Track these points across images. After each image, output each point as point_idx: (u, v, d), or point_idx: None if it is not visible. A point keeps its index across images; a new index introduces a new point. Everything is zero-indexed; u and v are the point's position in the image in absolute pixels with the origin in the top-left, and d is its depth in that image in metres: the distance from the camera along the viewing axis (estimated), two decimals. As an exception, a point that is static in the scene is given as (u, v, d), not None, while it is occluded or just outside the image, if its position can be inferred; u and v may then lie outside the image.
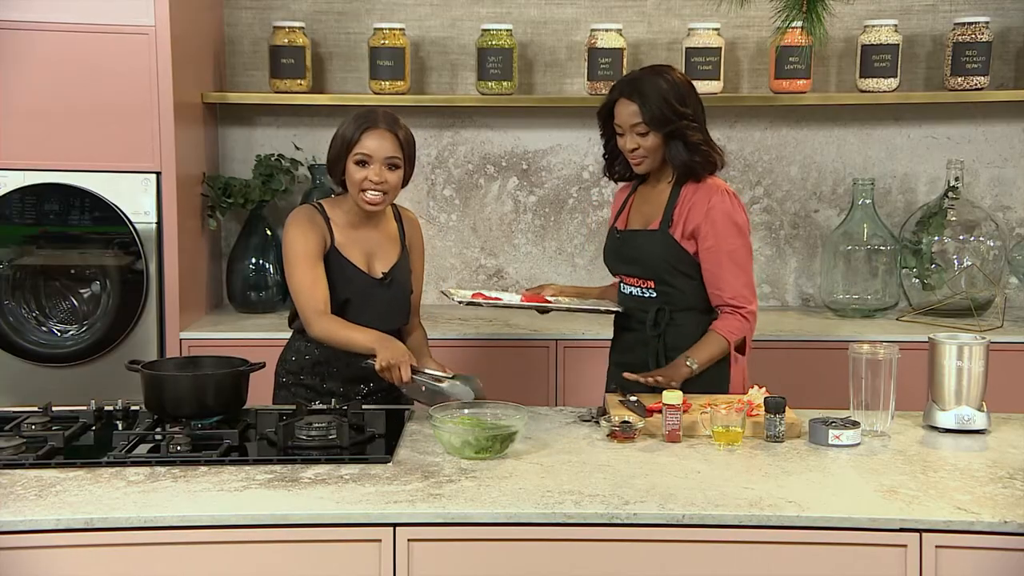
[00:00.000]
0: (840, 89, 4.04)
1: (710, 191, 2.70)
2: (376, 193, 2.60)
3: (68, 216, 3.47)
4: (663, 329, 2.73)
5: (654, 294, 2.75)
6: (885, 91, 3.86)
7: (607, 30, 3.84)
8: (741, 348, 2.73)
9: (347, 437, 2.33)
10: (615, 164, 2.84)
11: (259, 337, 3.49)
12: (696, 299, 2.74)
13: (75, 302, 3.57)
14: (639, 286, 2.78)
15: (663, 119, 2.65)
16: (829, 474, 2.21)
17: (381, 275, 2.69)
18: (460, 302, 2.74)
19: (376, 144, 2.59)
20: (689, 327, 2.72)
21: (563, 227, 4.13)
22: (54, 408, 2.56)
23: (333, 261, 2.64)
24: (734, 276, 2.69)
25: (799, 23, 2.39)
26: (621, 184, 2.94)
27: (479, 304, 2.77)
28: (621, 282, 2.87)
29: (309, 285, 2.59)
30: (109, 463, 2.22)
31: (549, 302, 2.83)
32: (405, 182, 2.67)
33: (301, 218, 2.67)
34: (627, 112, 2.67)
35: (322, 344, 2.63)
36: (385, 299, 2.69)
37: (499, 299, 2.81)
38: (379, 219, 2.72)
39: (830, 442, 2.37)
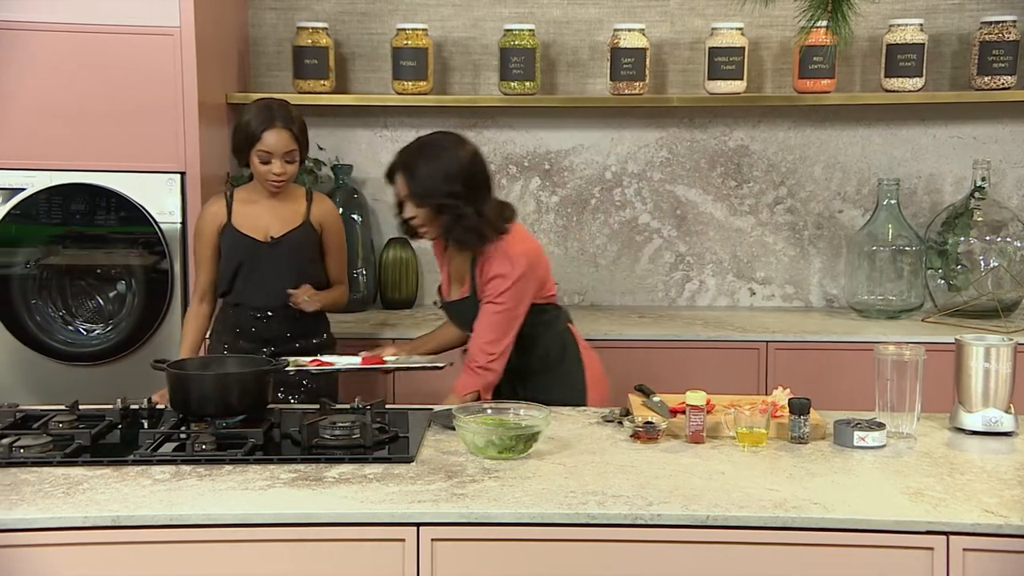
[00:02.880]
0: (865, 89, 4.02)
1: (494, 256, 2.76)
2: (278, 183, 3.03)
3: (94, 216, 3.50)
4: (515, 368, 2.84)
5: None
6: (910, 91, 3.83)
7: (630, 30, 3.83)
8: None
9: (371, 437, 2.34)
10: (406, 227, 2.89)
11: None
12: (537, 350, 2.88)
13: (101, 301, 3.60)
14: None
15: (426, 194, 2.72)
16: (854, 476, 2.19)
17: (270, 238, 3.06)
18: (291, 371, 2.82)
19: (275, 141, 2.98)
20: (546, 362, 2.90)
21: (585, 227, 4.13)
22: (81, 407, 2.58)
23: (227, 235, 3.09)
24: (480, 331, 2.77)
25: (824, 22, 2.38)
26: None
27: (311, 372, 2.90)
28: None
29: (196, 270, 3.18)
30: (135, 461, 2.23)
31: (386, 362, 2.89)
32: (302, 162, 3.10)
33: (201, 211, 3.18)
34: (400, 183, 2.77)
35: (234, 308, 3.10)
36: (271, 260, 3.07)
37: (332, 364, 2.85)
38: (281, 196, 3.10)
39: (855, 444, 2.35)
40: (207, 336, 3.20)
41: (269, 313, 3.09)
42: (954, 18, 3.99)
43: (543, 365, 2.90)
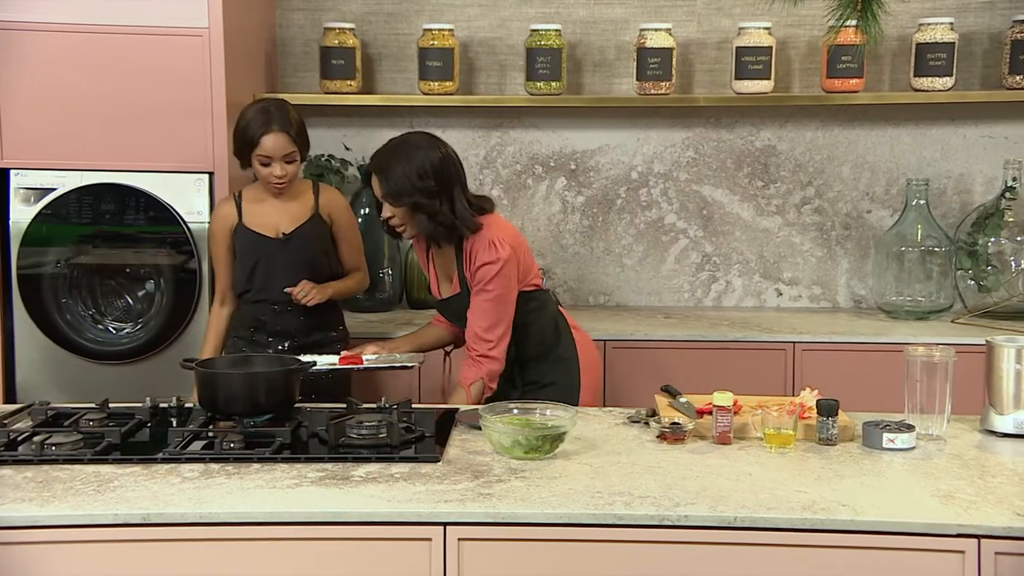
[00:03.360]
0: (894, 88, 3.99)
1: (477, 246, 2.80)
2: (280, 185, 3.08)
3: (123, 216, 3.52)
4: (513, 358, 2.90)
5: None
6: (940, 90, 3.80)
7: (656, 30, 3.82)
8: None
9: (397, 436, 2.34)
10: (386, 227, 2.91)
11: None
12: (531, 339, 2.91)
13: (130, 300, 3.62)
14: None
15: (400, 193, 2.76)
16: (883, 478, 2.18)
17: (281, 234, 3.11)
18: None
19: (273, 145, 3.02)
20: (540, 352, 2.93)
21: (611, 227, 4.12)
22: (111, 405, 2.60)
23: (240, 235, 3.14)
24: (474, 320, 2.82)
25: (853, 22, 2.36)
26: (413, 239, 3.00)
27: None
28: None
29: (215, 271, 3.24)
30: (164, 459, 2.25)
31: (364, 362, 2.91)
32: (303, 160, 3.13)
33: (213, 213, 3.26)
34: (375, 185, 2.82)
35: (253, 305, 3.15)
36: (284, 256, 3.12)
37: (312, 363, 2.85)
38: (288, 193, 3.14)
39: (884, 446, 2.34)
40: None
41: (288, 308, 3.13)
42: (985, 16, 3.95)
43: (539, 350, 2.93)
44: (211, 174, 3.51)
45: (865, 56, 3.79)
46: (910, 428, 2.37)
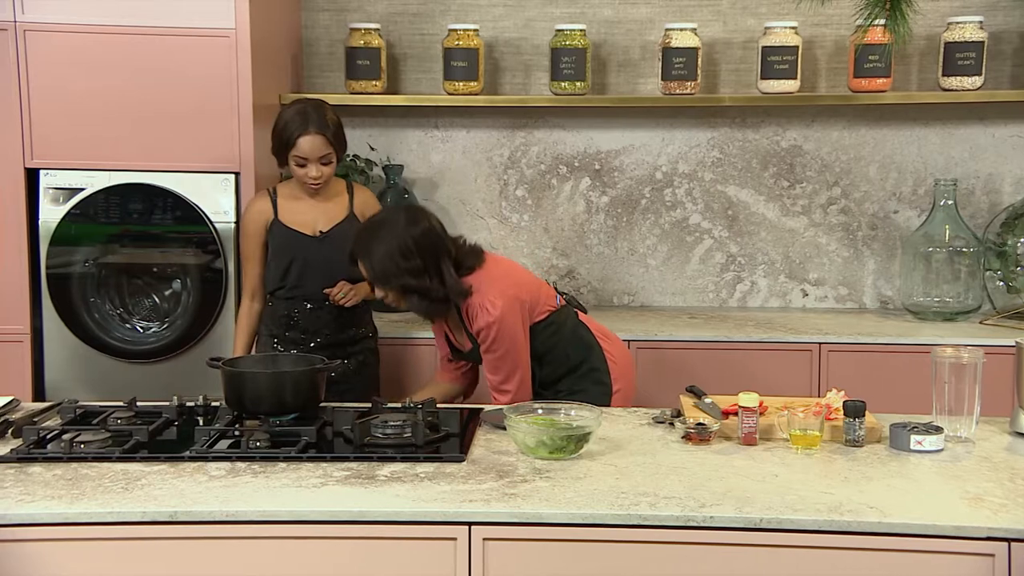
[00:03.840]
0: (922, 88, 3.96)
1: (472, 311, 2.77)
2: (316, 185, 3.10)
3: (151, 216, 3.55)
4: (540, 381, 2.88)
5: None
6: (969, 89, 3.77)
7: (682, 29, 3.81)
8: None
9: (422, 436, 2.35)
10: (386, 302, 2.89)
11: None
12: (555, 361, 2.87)
13: (157, 300, 3.65)
14: None
15: (387, 277, 2.73)
16: (911, 480, 2.16)
17: (319, 232, 3.12)
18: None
19: (309, 147, 3.04)
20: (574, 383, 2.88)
21: (635, 228, 4.11)
22: (138, 403, 2.62)
23: (276, 231, 3.15)
24: (489, 375, 2.83)
25: (882, 21, 2.34)
26: None
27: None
28: None
29: (244, 269, 3.24)
30: (191, 458, 2.26)
31: None
32: (339, 161, 3.15)
33: (246, 209, 3.24)
34: (362, 269, 2.78)
35: (286, 301, 3.16)
36: (322, 254, 3.12)
37: None
38: (324, 192, 3.16)
39: (912, 447, 2.32)
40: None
41: (321, 306, 3.15)
42: (1015, 15, 3.91)
43: (565, 369, 2.89)
44: (237, 174, 3.53)
45: (893, 55, 3.76)
46: (938, 430, 2.35)
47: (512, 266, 2.97)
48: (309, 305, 3.15)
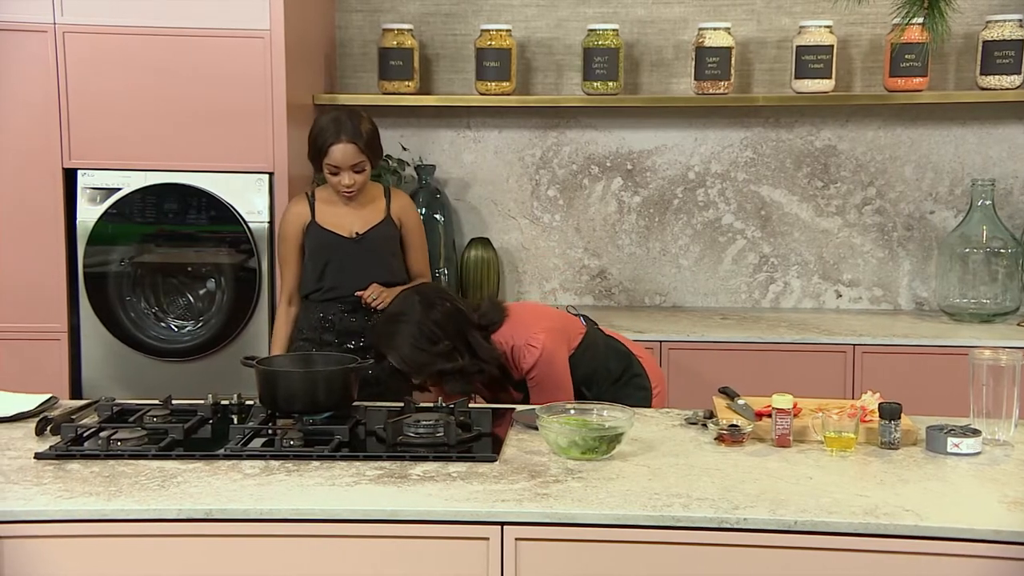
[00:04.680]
0: (959, 87, 3.92)
1: (516, 357, 2.75)
2: (349, 193, 3.12)
3: (186, 215, 3.58)
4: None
5: None
6: (1008, 88, 3.72)
7: (715, 29, 3.79)
8: None
9: (454, 435, 2.35)
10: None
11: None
12: (599, 379, 2.84)
13: (191, 299, 3.68)
14: None
15: (420, 368, 2.68)
16: (949, 483, 2.14)
17: (356, 234, 3.13)
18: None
19: (341, 156, 3.06)
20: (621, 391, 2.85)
21: (667, 228, 4.10)
22: (173, 401, 2.64)
23: (312, 233, 3.16)
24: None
25: (920, 19, 2.32)
26: None
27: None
28: None
29: (282, 273, 3.25)
30: (226, 456, 2.28)
31: None
32: (374, 167, 3.15)
33: (284, 212, 3.25)
34: (393, 363, 2.71)
35: (322, 304, 3.15)
36: (358, 255, 3.14)
37: None
38: (361, 195, 3.16)
39: (949, 450, 2.29)
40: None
41: (357, 308, 3.15)
42: (1054, 13, 3.86)
43: (611, 379, 2.88)
44: (271, 174, 3.55)
45: (930, 54, 3.72)
46: (976, 433, 2.32)
47: (535, 306, 3.01)
48: (344, 308, 3.15)
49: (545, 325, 2.80)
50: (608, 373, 2.88)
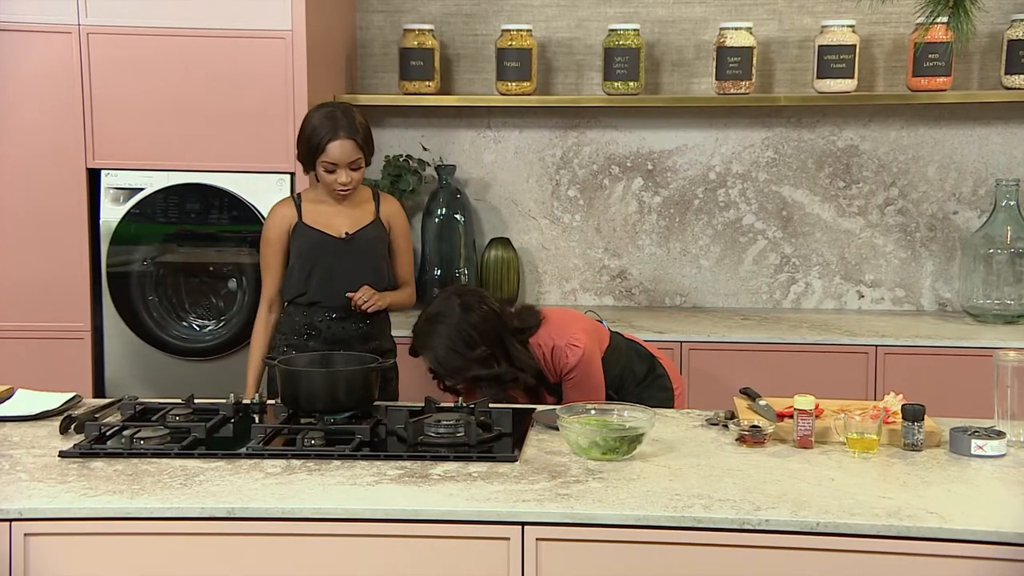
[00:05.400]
0: (983, 87, 3.89)
1: (556, 357, 2.75)
2: (345, 191, 2.99)
3: (207, 215, 3.60)
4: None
5: None
6: (1033, 87, 3.69)
7: (736, 28, 3.78)
8: None
9: (475, 435, 2.36)
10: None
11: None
12: (627, 381, 2.87)
13: (213, 298, 3.70)
14: None
15: (456, 371, 2.70)
16: (973, 486, 2.12)
17: (345, 234, 3.01)
18: None
19: (339, 153, 2.93)
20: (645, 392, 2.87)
21: (688, 228, 4.09)
22: (195, 400, 2.66)
23: (300, 234, 3.02)
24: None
25: (944, 19, 2.30)
26: None
27: None
28: None
29: (263, 277, 3.10)
30: (248, 455, 2.29)
31: None
32: (367, 164, 3.03)
33: (269, 215, 3.11)
34: (427, 363, 2.73)
35: (307, 308, 3.02)
36: (347, 256, 3.01)
37: None
38: (350, 198, 3.05)
39: (973, 452, 2.28)
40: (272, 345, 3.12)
41: (345, 313, 3.01)
42: (1079, 12, 3.82)
43: (636, 380, 2.90)
44: (292, 174, 3.57)
45: (954, 53, 3.69)
46: (1000, 435, 2.31)
47: (567, 310, 2.99)
48: (332, 314, 3.01)
49: (582, 327, 2.82)
50: (633, 375, 2.89)
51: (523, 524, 2.00)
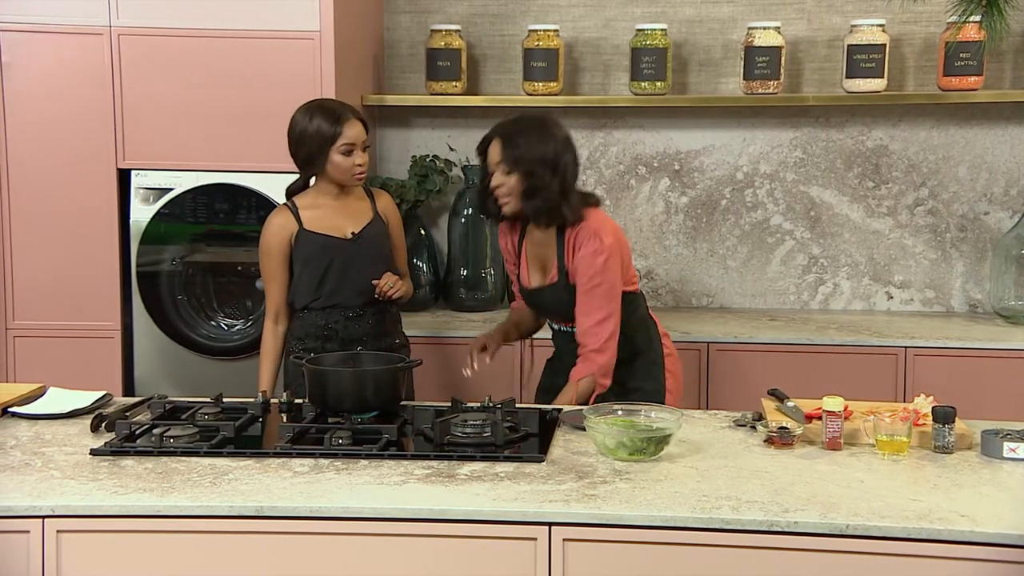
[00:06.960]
0: (1016, 86, 3.85)
1: (581, 236, 2.80)
2: (363, 174, 3.00)
3: (236, 215, 3.62)
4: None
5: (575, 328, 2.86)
6: (1065, 86, 3.65)
7: (765, 28, 3.76)
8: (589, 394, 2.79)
9: (502, 435, 2.36)
10: (487, 201, 2.90)
11: (409, 334, 3.55)
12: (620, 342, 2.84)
13: (241, 298, 3.72)
14: (561, 324, 2.95)
15: (519, 160, 2.77)
16: (1005, 489, 2.10)
17: (351, 234, 3.01)
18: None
19: (354, 133, 2.96)
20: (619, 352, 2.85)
21: (715, 228, 4.07)
22: (224, 399, 2.68)
23: (305, 241, 3.00)
24: (584, 315, 2.80)
25: (977, 17, 2.28)
26: (501, 224, 2.99)
27: None
28: (548, 321, 3.05)
29: (266, 289, 3.07)
30: (276, 454, 2.30)
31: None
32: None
33: (265, 226, 3.05)
34: (494, 151, 2.82)
35: (322, 312, 3.00)
36: (357, 256, 3.02)
37: None
38: (345, 196, 3.05)
39: (1005, 455, 2.26)
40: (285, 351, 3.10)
41: (360, 311, 3.02)
42: (1113, 10, 3.78)
43: (630, 352, 2.89)
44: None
45: (986, 52, 3.66)
46: (1032, 438, 2.28)
47: (619, 228, 3.00)
48: (347, 314, 3.00)
49: (616, 237, 2.85)
50: (632, 342, 2.89)
51: (550, 524, 2.00)
